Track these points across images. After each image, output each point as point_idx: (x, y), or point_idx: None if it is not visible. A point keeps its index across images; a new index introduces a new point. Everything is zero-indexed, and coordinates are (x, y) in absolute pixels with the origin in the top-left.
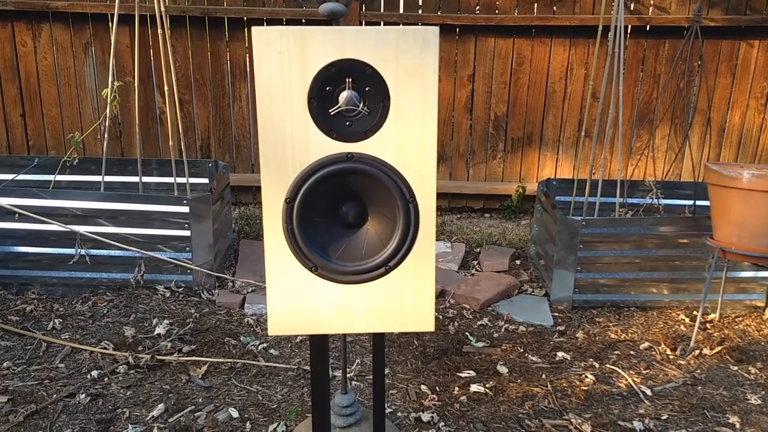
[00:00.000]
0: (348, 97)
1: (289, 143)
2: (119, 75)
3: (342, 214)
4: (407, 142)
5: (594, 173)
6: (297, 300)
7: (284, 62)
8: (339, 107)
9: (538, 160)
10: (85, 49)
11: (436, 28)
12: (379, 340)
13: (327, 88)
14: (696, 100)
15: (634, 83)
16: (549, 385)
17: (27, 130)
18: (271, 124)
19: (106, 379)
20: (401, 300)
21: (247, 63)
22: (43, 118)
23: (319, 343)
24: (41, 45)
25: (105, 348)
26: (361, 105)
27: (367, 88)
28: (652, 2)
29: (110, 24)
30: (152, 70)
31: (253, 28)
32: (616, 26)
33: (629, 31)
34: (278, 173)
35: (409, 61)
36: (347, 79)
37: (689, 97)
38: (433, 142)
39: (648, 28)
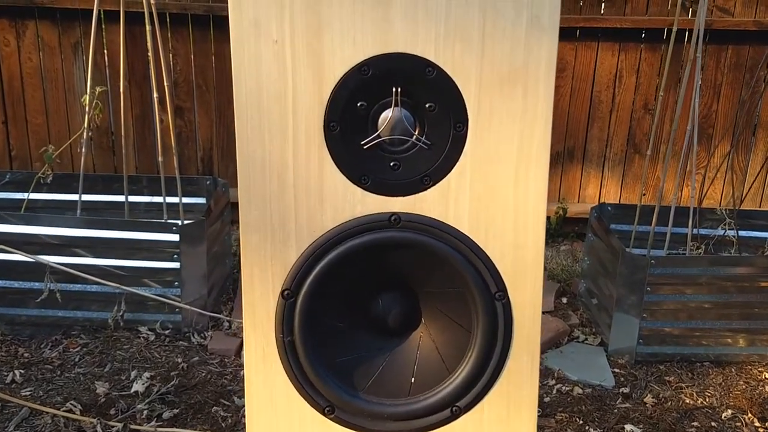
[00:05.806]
0: (395, 119)
1: (291, 196)
2: (113, 79)
3: (377, 315)
4: (496, 198)
5: (644, 194)
6: None
7: (285, 58)
8: (378, 137)
9: (580, 178)
10: (74, 49)
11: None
12: None
13: (359, 105)
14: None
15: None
16: None
17: (9, 140)
18: (261, 165)
19: None
20: None
21: None
22: (27, 125)
23: None
24: (26, 44)
25: (71, 410)
26: (416, 133)
27: (427, 105)
28: (714, 3)
29: (94, 21)
30: (150, 73)
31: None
32: (698, 30)
33: (686, 35)
34: (270, 248)
35: (505, 57)
36: (394, 89)
37: (753, 111)
38: (543, 197)
39: (708, 33)
